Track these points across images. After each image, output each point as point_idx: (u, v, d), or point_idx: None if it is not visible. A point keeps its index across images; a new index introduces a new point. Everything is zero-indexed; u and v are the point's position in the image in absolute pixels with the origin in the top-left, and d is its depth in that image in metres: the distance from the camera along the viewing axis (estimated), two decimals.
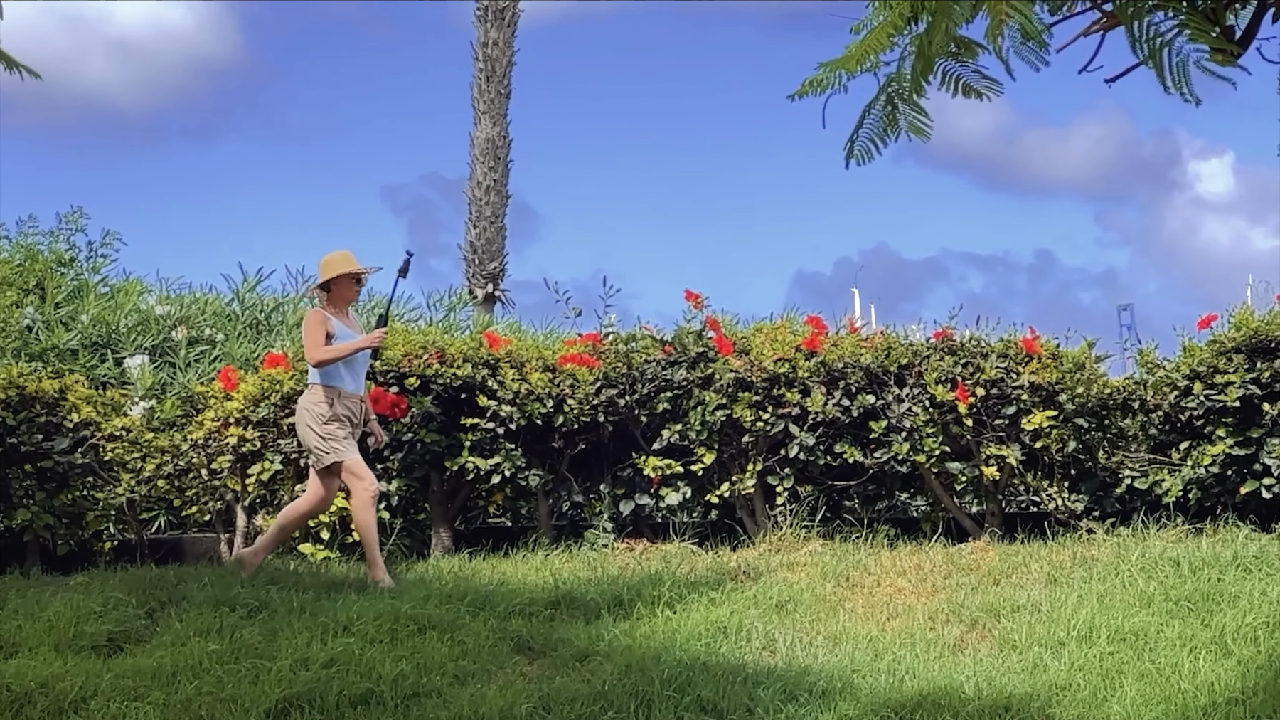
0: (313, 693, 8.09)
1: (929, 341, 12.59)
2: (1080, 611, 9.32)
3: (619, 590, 10.21)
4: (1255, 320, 12.15)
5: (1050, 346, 12.50)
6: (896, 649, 8.99)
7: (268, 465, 12.21)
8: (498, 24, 30.26)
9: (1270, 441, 11.74)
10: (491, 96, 30.21)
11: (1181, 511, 11.93)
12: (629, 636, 9.26)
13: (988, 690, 8.10)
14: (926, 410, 12.11)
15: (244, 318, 18.18)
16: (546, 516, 12.58)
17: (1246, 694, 7.78)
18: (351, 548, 12.04)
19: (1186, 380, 12.13)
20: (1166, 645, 8.60)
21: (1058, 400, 12.13)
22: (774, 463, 12.25)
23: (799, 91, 5.36)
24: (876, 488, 12.56)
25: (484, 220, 30.12)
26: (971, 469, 12.24)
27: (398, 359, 12.23)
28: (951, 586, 10.45)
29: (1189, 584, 9.74)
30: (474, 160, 30.26)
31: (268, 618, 9.41)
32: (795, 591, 10.30)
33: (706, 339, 12.52)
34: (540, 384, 12.23)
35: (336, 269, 11.23)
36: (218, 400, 12.62)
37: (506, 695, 8.14)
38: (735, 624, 9.49)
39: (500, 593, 10.19)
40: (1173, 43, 4.54)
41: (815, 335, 12.56)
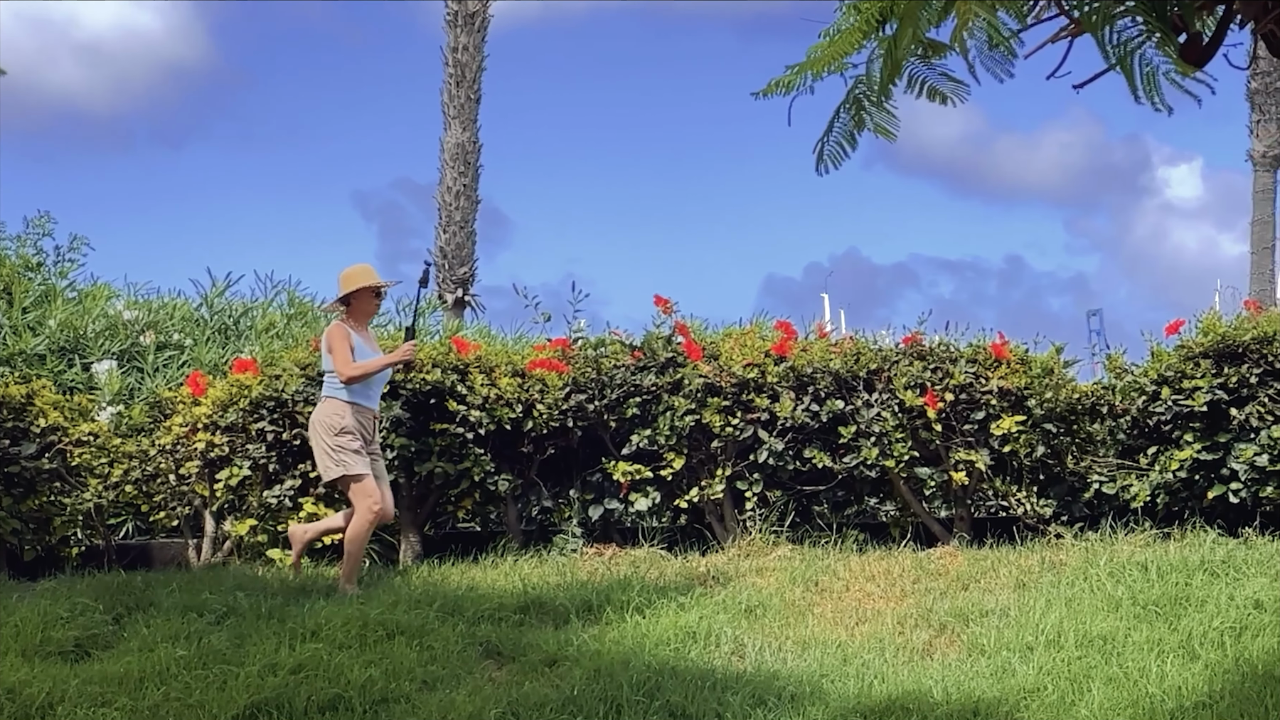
0: (280, 698, 8.07)
1: (898, 347, 12.61)
2: (1048, 616, 9.34)
3: (588, 595, 10.20)
4: (1222, 326, 12.21)
5: (1019, 352, 12.54)
6: (865, 654, 9.00)
7: (236, 471, 12.17)
8: (468, 29, 30.26)
9: (1237, 446, 11.78)
10: (461, 101, 30.20)
11: (1149, 516, 11.97)
12: (598, 641, 9.25)
13: (956, 695, 8.11)
14: (895, 415, 12.12)
15: (212, 323, 18.11)
16: (515, 521, 12.56)
17: (1214, 698, 7.81)
18: (320, 553, 12.01)
19: (1154, 385, 12.17)
20: (1134, 650, 8.63)
21: (1026, 405, 12.16)
22: (743, 468, 12.25)
23: (765, 90, 5.37)
24: (845, 493, 12.57)
25: (454, 225, 30.12)
26: (940, 474, 12.26)
27: None
28: (920, 591, 10.46)
29: (1157, 588, 9.77)
30: (444, 165, 30.26)
31: (235, 623, 9.39)
32: (764, 596, 10.30)
33: (675, 344, 12.53)
34: (509, 389, 12.22)
35: (356, 282, 11.17)
36: (186, 405, 12.59)
37: (475, 701, 8.13)
38: (704, 629, 9.48)
39: (469, 598, 10.18)
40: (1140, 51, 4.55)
41: (784, 340, 12.57)
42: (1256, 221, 35.03)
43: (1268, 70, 33.65)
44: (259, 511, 12.14)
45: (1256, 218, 35.05)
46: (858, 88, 5.27)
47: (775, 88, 5.36)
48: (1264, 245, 34.94)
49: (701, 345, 12.61)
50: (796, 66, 5.29)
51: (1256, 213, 35.06)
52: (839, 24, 5.21)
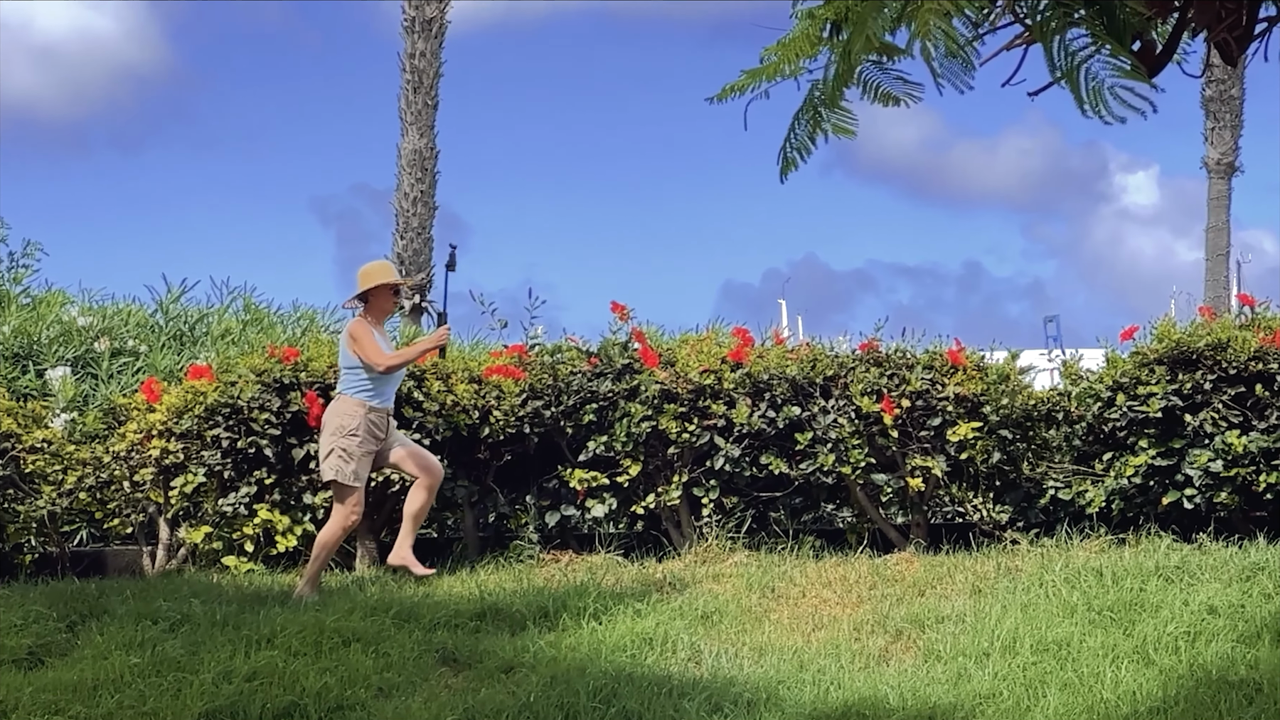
0: (235, 706, 8.06)
1: (855, 353, 12.62)
2: (1004, 622, 9.36)
3: (544, 602, 10.20)
4: (1177, 332, 12.26)
5: (975, 358, 12.56)
6: (821, 660, 9.01)
7: (191, 477, 12.10)
8: (425, 35, 30.16)
9: (1192, 452, 11.83)
10: (419, 108, 30.10)
11: (1105, 522, 12.01)
12: (554, 648, 9.25)
13: (912, 701, 8.13)
14: (852, 422, 12.14)
15: (168, 329, 18.05)
16: (472, 528, 12.54)
17: (1168, 703, 7.84)
18: (275, 560, 11.97)
19: (1110, 391, 12.21)
20: (1089, 655, 8.66)
21: (983, 411, 12.19)
22: (699, 474, 12.24)
23: (719, 95, 5.37)
24: (802, 499, 12.58)
25: (411, 232, 30.02)
26: (897, 480, 12.27)
27: (323, 370, 12.16)
28: (876, 597, 10.48)
29: (1111, 594, 9.81)
30: (401, 171, 30.15)
31: (190, 631, 9.35)
32: (720, 603, 10.31)
33: (632, 351, 12.52)
34: (466, 395, 12.19)
35: (375, 279, 11.17)
36: (140, 412, 12.52)
37: (431, 708, 8.13)
38: (661, 635, 9.48)
39: (425, 605, 10.16)
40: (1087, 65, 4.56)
41: (741, 347, 12.57)
42: (1211, 228, 35.20)
43: (1222, 78, 33.81)
44: (214, 519, 12.08)
45: (1211, 224, 35.21)
46: (814, 93, 5.27)
47: (730, 92, 5.36)
48: (1219, 252, 35.11)
49: (658, 352, 12.61)
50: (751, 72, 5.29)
51: (1211, 219, 35.22)
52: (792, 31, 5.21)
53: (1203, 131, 35.16)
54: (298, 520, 12.05)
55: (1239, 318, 12.71)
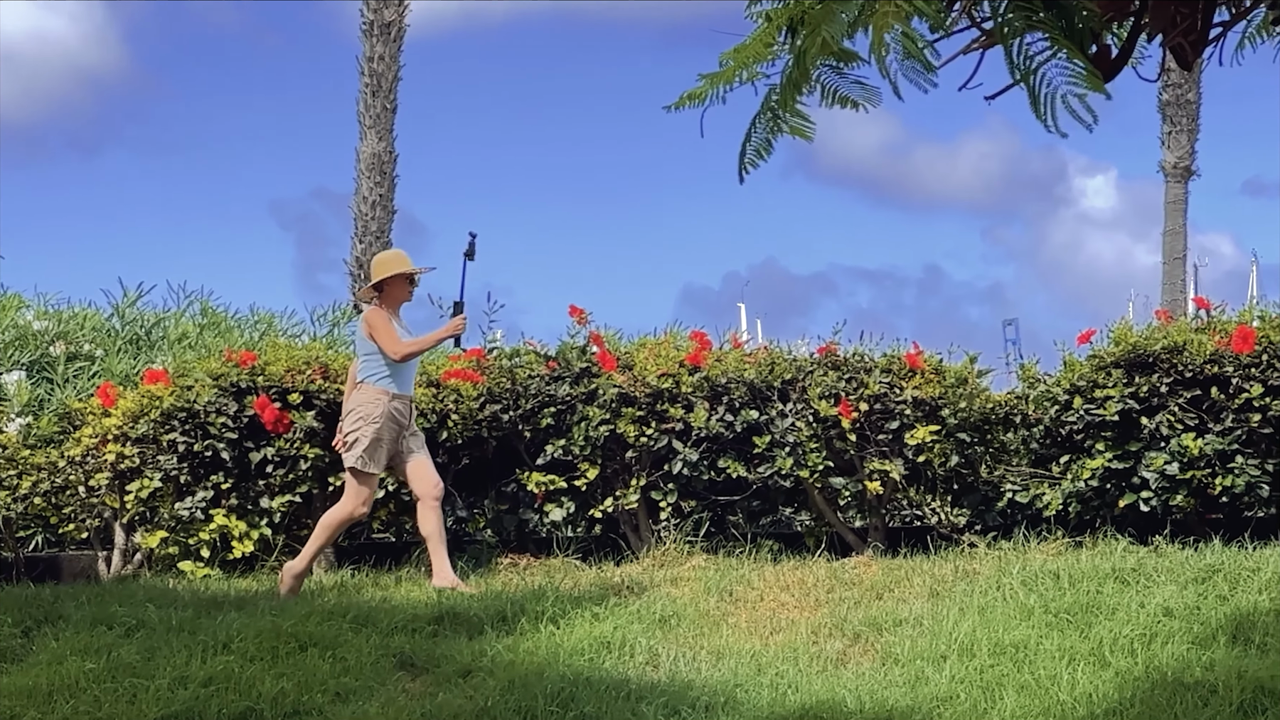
0: (191, 711, 8.03)
1: (813, 357, 12.63)
2: (961, 625, 9.37)
3: (502, 606, 10.17)
4: (1133, 335, 12.29)
5: (933, 361, 12.58)
6: (779, 663, 9.00)
7: (147, 482, 12.07)
8: (383, 39, 30.08)
9: (1148, 455, 11.86)
10: (377, 111, 30.03)
11: (1062, 524, 12.04)
12: (512, 652, 9.23)
13: (869, 704, 8.14)
14: (810, 425, 12.14)
15: (124, 333, 18.00)
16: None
17: (1124, 705, 7.86)
18: (232, 565, 11.94)
19: (1067, 395, 12.24)
20: (1046, 657, 8.67)
21: (940, 415, 12.20)
22: (657, 478, 12.24)
23: (676, 103, 5.35)
24: (760, 503, 12.58)
25: (370, 235, 29.92)
26: (855, 484, 12.29)
27: (280, 374, 12.13)
28: (834, 601, 10.48)
29: (1068, 596, 9.82)
30: (360, 175, 30.06)
31: (146, 636, 9.31)
32: (678, 606, 10.29)
33: (590, 354, 12.52)
34: (424, 399, 12.17)
35: (390, 269, 11.25)
36: (96, 417, 12.48)
37: (389, 713, 8.11)
38: (619, 639, 9.47)
39: (383, 609, 10.13)
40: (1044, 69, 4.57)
41: (698, 350, 12.57)
42: (1168, 232, 35.29)
43: (1179, 82, 33.91)
44: (170, 523, 12.05)
45: (1168, 228, 35.31)
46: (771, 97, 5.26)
47: (687, 100, 5.35)
48: (1175, 255, 35.20)
49: (616, 355, 12.61)
50: (708, 77, 5.28)
51: (1168, 223, 35.32)
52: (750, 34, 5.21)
53: (1160, 135, 35.25)
54: (255, 525, 12.04)
55: (1195, 321, 12.75)
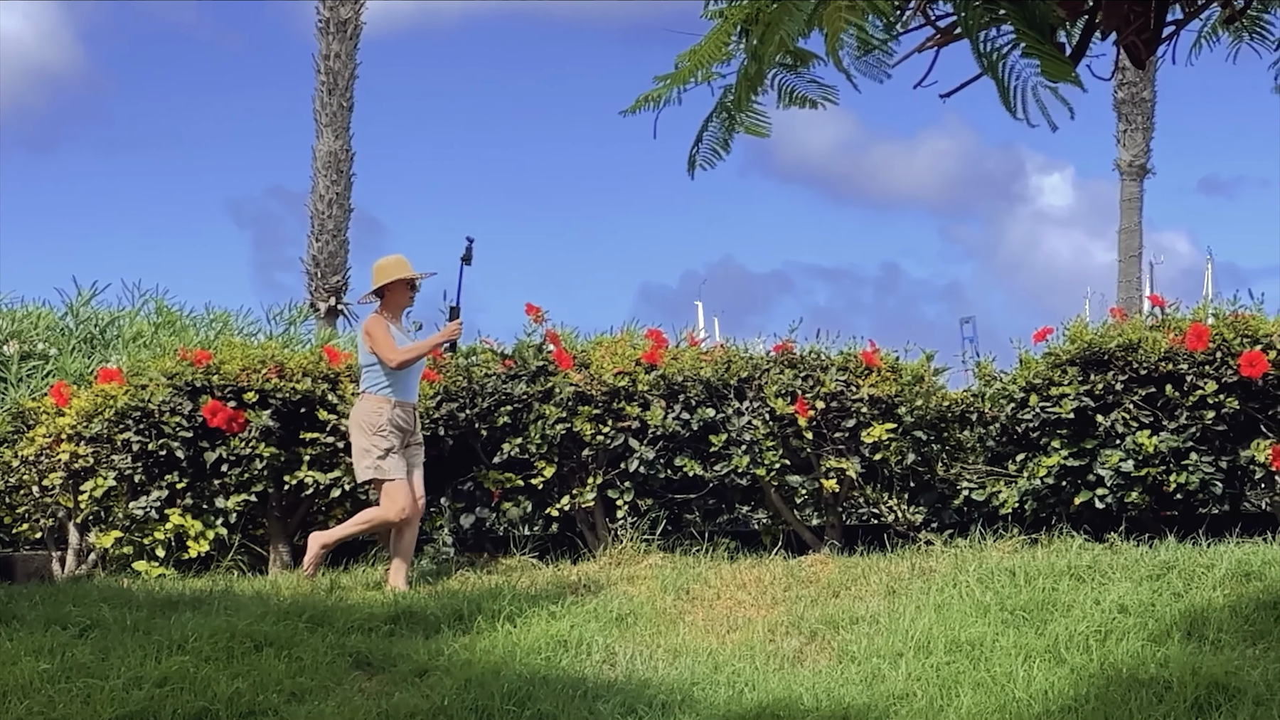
0: (146, 712, 8.01)
1: (769, 355, 12.63)
2: (918, 622, 9.40)
3: (459, 604, 10.17)
4: (1089, 333, 12.32)
5: (890, 359, 12.60)
6: (736, 661, 9.02)
7: (101, 482, 12.02)
8: (339, 37, 30.06)
9: (1103, 453, 11.90)
10: (334, 109, 30.01)
11: (1018, 522, 12.07)
12: (469, 651, 9.23)
13: (826, 701, 8.15)
14: (766, 424, 12.15)
15: (78, 332, 17.87)
16: (387, 531, 12.47)
17: (1079, 702, 7.90)
18: (187, 564, 11.90)
19: (1023, 392, 12.26)
20: (1002, 654, 8.70)
21: (897, 413, 12.22)
22: (614, 476, 12.23)
23: (633, 107, 5.35)
24: (717, 501, 12.59)
25: (326, 234, 29.92)
26: (811, 482, 12.29)
27: (235, 373, 12.09)
28: (791, 599, 10.49)
29: (1024, 594, 9.86)
30: (316, 173, 30.05)
31: (100, 636, 9.27)
32: (635, 605, 10.30)
33: (546, 353, 12.50)
34: None
35: (391, 274, 11.24)
36: (49, 416, 12.42)
37: (344, 713, 8.10)
38: (575, 638, 9.48)
39: (339, 608, 10.12)
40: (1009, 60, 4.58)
41: (655, 349, 12.56)
42: (1124, 230, 35.46)
43: (1133, 80, 34.06)
44: (124, 523, 12.00)
45: (1124, 226, 35.47)
46: (727, 97, 5.26)
47: (643, 103, 5.34)
48: (1131, 253, 35.37)
49: (572, 354, 12.59)
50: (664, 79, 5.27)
51: (1124, 221, 35.48)
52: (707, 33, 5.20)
53: (1115, 134, 35.42)
54: (210, 524, 12.00)
55: (1150, 319, 12.79)
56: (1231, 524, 11.88)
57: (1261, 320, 12.22)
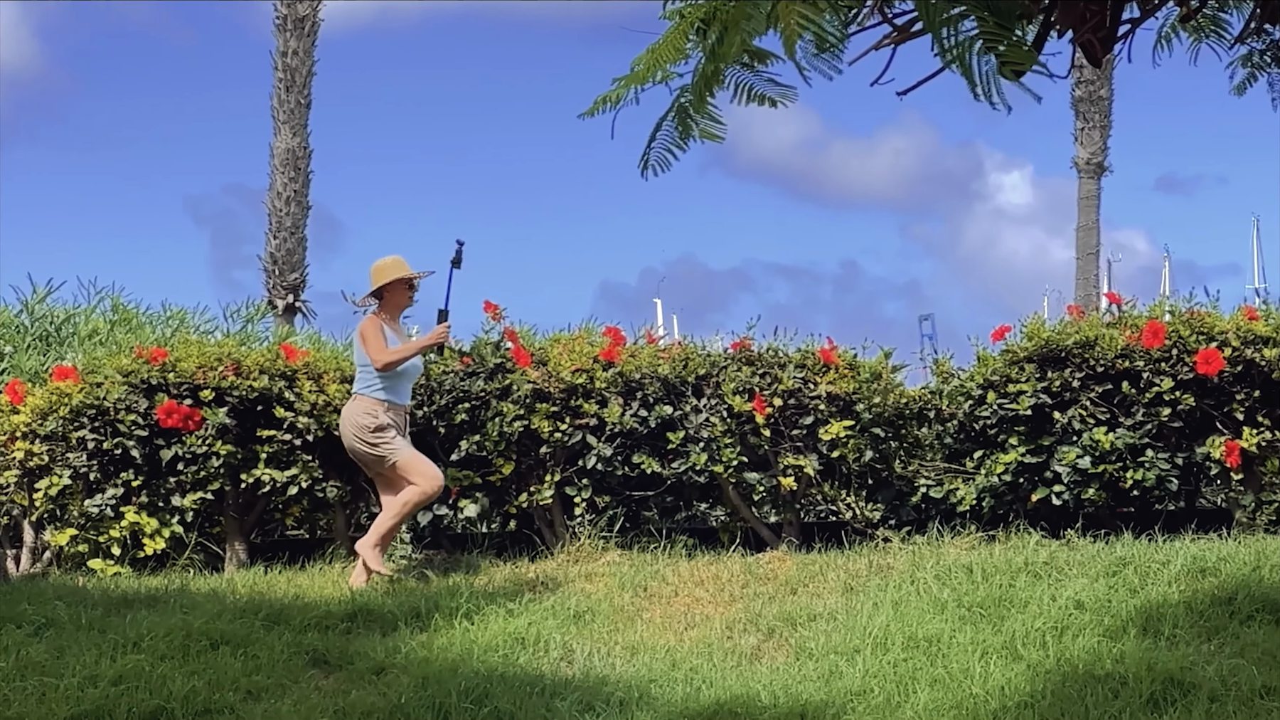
0: (101, 710, 7.98)
1: (727, 352, 12.64)
2: (875, 619, 9.42)
3: (416, 602, 10.15)
4: (1046, 330, 12.36)
5: (848, 356, 12.60)
6: (694, 659, 9.03)
7: (56, 480, 11.96)
8: (297, 33, 30.01)
9: (1060, 449, 11.94)
10: (291, 106, 29.97)
11: (975, 519, 12.10)
12: (426, 649, 9.22)
13: (784, 698, 8.17)
14: (724, 421, 12.15)
15: (33, 330, 17.80)
16: (344, 528, 12.45)
17: (1035, 698, 7.93)
18: (142, 563, 11.85)
19: (980, 389, 12.29)
20: (959, 651, 8.73)
21: (855, 410, 12.23)
22: (572, 473, 12.22)
23: (590, 110, 5.35)
24: (674, 498, 12.57)
25: (284, 231, 29.88)
26: (769, 479, 12.30)
27: (191, 370, 12.04)
28: (749, 596, 10.50)
29: (981, 590, 9.89)
30: (274, 170, 30.02)
31: (55, 635, 9.23)
32: (593, 602, 10.30)
33: (504, 350, 12.47)
34: (339, 396, 12.10)
35: (389, 275, 11.21)
36: (4, 414, 12.35)
37: (301, 711, 8.09)
38: (533, 635, 9.48)
39: (296, 606, 10.09)
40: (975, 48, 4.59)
41: (613, 346, 12.55)
42: (1081, 227, 35.60)
43: (1091, 78, 34.19)
44: (80, 521, 11.94)
45: (1081, 224, 35.61)
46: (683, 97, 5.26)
47: (600, 104, 5.34)
48: (1089, 251, 35.52)
49: (530, 351, 12.57)
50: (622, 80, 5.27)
51: (1081, 219, 35.62)
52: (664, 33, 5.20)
53: (1073, 132, 35.56)
54: (166, 522, 11.94)
55: (1107, 316, 12.84)
56: (1187, 520, 11.95)
57: (1217, 317, 12.29)
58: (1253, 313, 12.38)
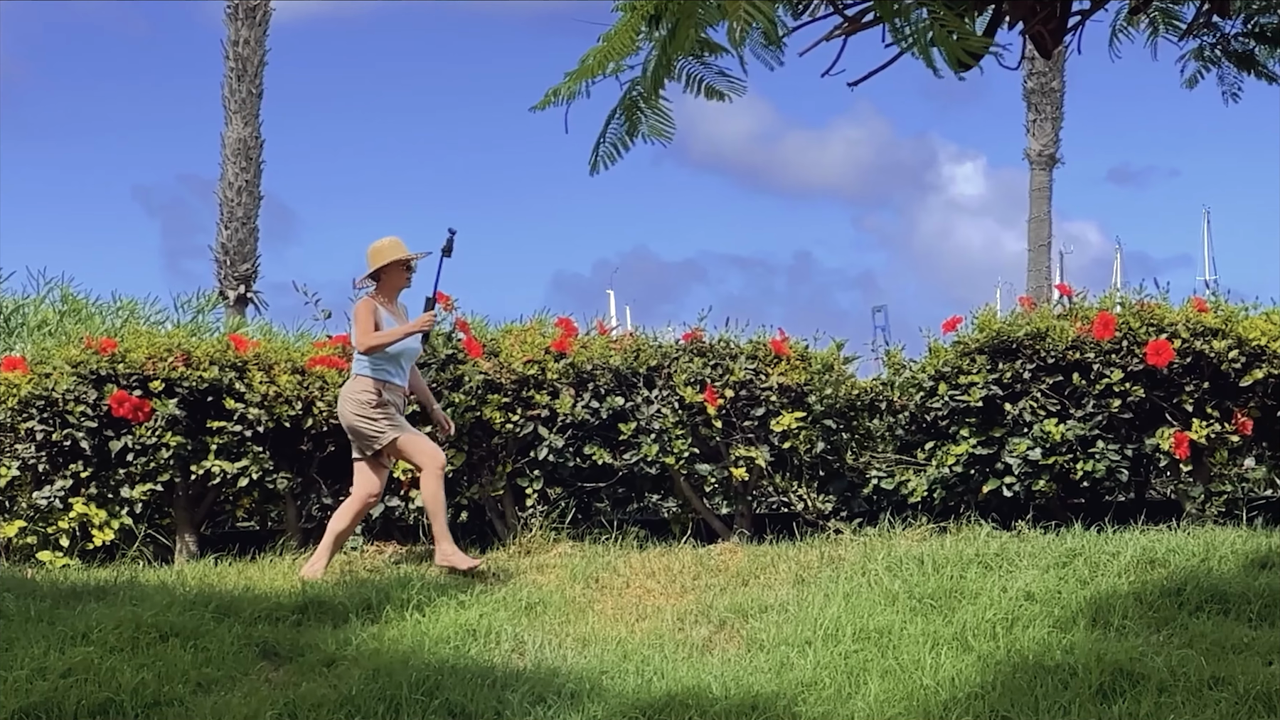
0: (50, 703, 7.93)
1: (678, 343, 12.64)
2: (827, 611, 9.43)
3: (368, 594, 10.12)
4: (997, 322, 12.39)
5: (799, 348, 12.62)
6: (645, 650, 9.03)
7: (4, 471, 11.86)
8: (248, 22, 29.92)
9: (1011, 441, 11.98)
10: (243, 96, 29.87)
11: (927, 511, 12.13)
12: (377, 640, 9.20)
13: (735, 690, 8.17)
14: (676, 412, 12.15)
15: None
16: (295, 520, 12.41)
17: (986, 689, 7.95)
18: (91, 554, 11.79)
19: (932, 381, 12.32)
20: (910, 642, 8.75)
21: (806, 401, 12.25)
22: (524, 465, 12.21)
23: (541, 103, 5.34)
24: (626, 489, 12.57)
25: (236, 221, 29.79)
26: (721, 470, 12.31)
27: (141, 361, 11.98)
28: (700, 588, 10.51)
29: (932, 582, 9.91)
30: (225, 160, 29.93)
31: (3, 627, 9.16)
32: (544, 593, 10.29)
33: (456, 341, 12.45)
34: (289, 386, 12.06)
35: (386, 256, 11.17)
36: None
37: (251, 703, 8.05)
38: (484, 626, 9.47)
39: (246, 598, 10.05)
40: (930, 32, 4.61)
41: (564, 337, 12.54)
42: (1033, 219, 35.73)
43: (1043, 70, 34.33)
44: (28, 513, 11.87)
45: (1033, 215, 35.74)
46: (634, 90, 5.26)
47: (552, 98, 5.33)
48: (1040, 242, 35.66)
49: (482, 342, 12.55)
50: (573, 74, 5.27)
51: (1033, 210, 35.75)
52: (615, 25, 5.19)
53: (1025, 123, 35.68)
54: (115, 514, 11.88)
55: (1058, 307, 12.88)
56: (1137, 511, 12.01)
57: (1167, 309, 12.35)
58: (1202, 305, 12.44)
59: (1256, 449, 12.49)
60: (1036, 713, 7.70)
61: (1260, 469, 12.75)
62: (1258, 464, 12.73)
